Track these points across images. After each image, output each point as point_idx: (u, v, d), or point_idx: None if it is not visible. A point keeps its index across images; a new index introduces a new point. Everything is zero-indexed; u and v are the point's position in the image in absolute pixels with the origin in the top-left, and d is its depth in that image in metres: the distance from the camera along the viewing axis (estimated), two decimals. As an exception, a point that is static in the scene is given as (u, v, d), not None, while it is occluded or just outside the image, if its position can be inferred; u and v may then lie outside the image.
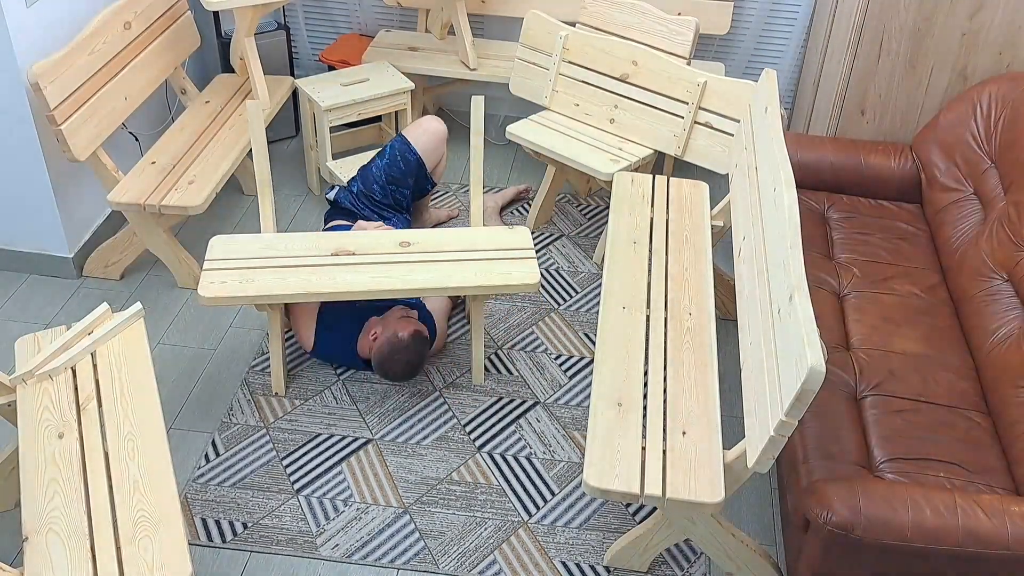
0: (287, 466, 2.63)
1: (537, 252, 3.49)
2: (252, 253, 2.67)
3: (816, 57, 3.63)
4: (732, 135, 3.06)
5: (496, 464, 2.65)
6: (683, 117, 3.15)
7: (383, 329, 2.73)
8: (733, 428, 2.78)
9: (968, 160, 2.95)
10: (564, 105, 3.40)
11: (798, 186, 3.16)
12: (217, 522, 2.47)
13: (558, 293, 3.29)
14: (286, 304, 2.84)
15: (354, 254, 2.66)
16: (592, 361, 3.02)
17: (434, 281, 2.60)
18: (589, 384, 2.92)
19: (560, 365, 2.99)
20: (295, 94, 4.01)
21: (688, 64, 3.28)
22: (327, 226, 3.07)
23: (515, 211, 3.71)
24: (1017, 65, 3.13)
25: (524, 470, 2.64)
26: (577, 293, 3.29)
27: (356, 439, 2.71)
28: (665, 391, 2.27)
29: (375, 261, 2.66)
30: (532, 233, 3.58)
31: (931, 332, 2.58)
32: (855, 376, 2.44)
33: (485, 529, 2.47)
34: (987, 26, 3.07)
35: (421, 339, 2.71)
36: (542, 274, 3.38)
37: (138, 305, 2.40)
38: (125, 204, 3.00)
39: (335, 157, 3.85)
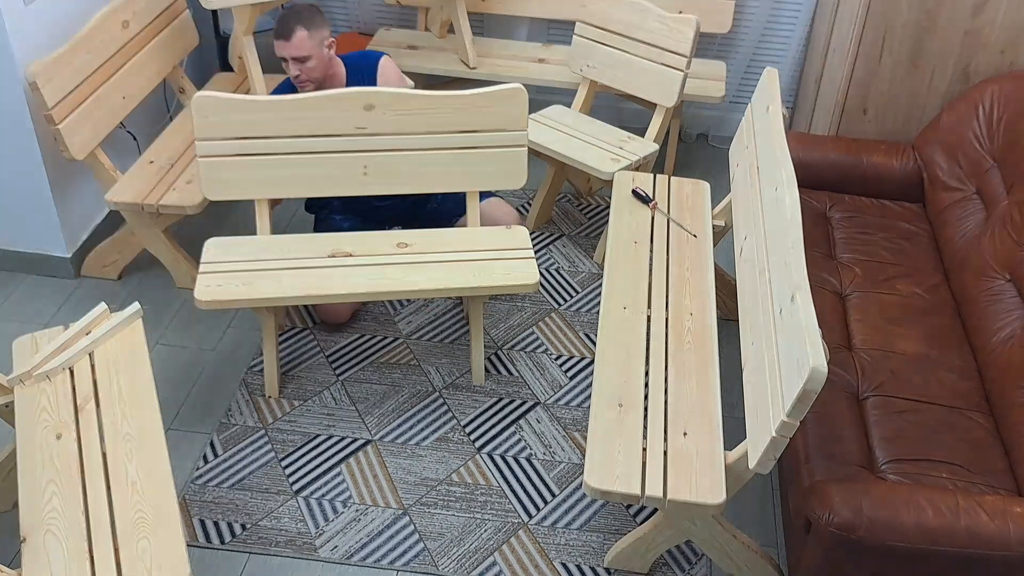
0: (286, 467, 2.62)
1: (537, 252, 3.48)
2: (248, 256, 2.66)
3: (818, 55, 3.62)
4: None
5: (496, 465, 2.64)
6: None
7: None
8: (734, 429, 2.77)
9: (970, 159, 2.94)
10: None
11: (800, 185, 3.15)
12: (216, 523, 2.46)
13: (558, 293, 3.28)
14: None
15: (351, 255, 2.65)
16: (592, 361, 3.01)
17: (433, 282, 2.59)
18: (589, 384, 2.91)
19: (560, 365, 2.98)
20: (294, 93, 4.00)
21: (688, 64, 3.28)
22: (320, 217, 3.11)
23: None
24: (1020, 64, 3.12)
25: (524, 471, 2.63)
26: (577, 293, 3.28)
27: (355, 440, 2.70)
28: (666, 392, 2.26)
29: (373, 262, 2.65)
30: (532, 233, 3.58)
31: (933, 332, 2.57)
32: (857, 376, 2.43)
33: (485, 530, 2.46)
34: (990, 25, 3.06)
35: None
36: (542, 274, 3.37)
37: (136, 305, 2.39)
38: (123, 204, 2.99)
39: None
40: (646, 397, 2.24)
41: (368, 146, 2.68)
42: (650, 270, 2.65)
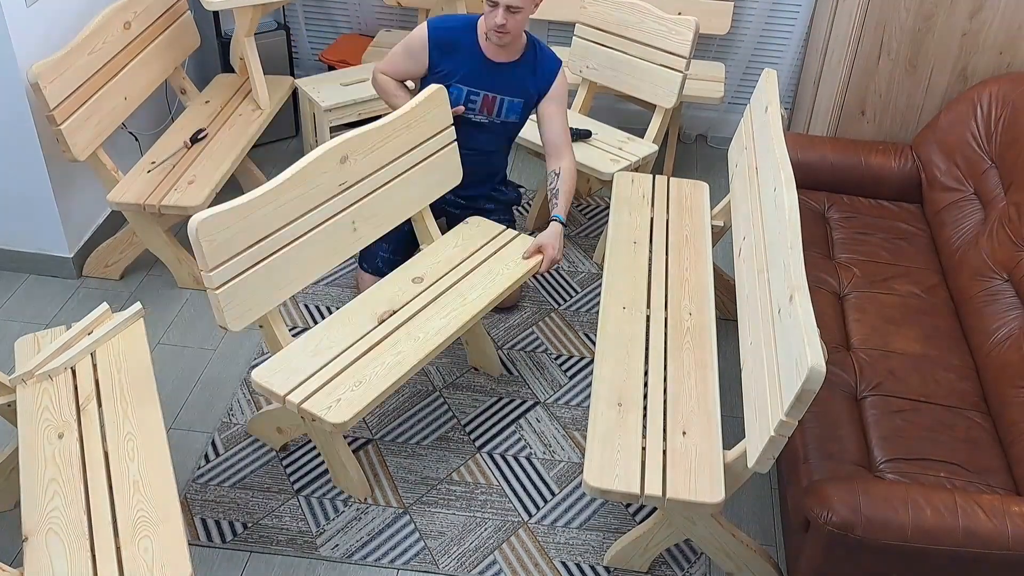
0: (287, 466, 2.62)
1: (537, 252, 3.48)
2: (312, 366, 2.37)
3: (816, 57, 3.63)
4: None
5: (496, 464, 2.65)
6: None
7: None
8: (733, 428, 2.78)
9: (968, 160, 2.95)
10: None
11: (798, 186, 3.16)
12: (217, 522, 2.46)
13: (558, 293, 3.29)
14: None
15: (395, 312, 2.55)
16: (592, 361, 3.01)
17: (463, 317, 2.54)
18: (589, 384, 2.92)
19: (560, 365, 2.99)
20: (295, 94, 4.02)
21: (687, 65, 3.28)
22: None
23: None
24: (1017, 65, 3.13)
25: (524, 470, 2.64)
26: (577, 293, 3.29)
27: (356, 439, 2.71)
28: (665, 391, 2.27)
29: (408, 316, 2.53)
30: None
31: (931, 332, 2.58)
32: (855, 376, 2.44)
33: (485, 529, 2.47)
34: (987, 26, 3.07)
35: None
36: (542, 274, 3.37)
37: (138, 305, 2.40)
38: (125, 204, 3.00)
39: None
40: (645, 396, 2.25)
41: (352, 199, 2.55)
42: (649, 270, 2.66)
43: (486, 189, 3.07)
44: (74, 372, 2.27)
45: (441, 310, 2.58)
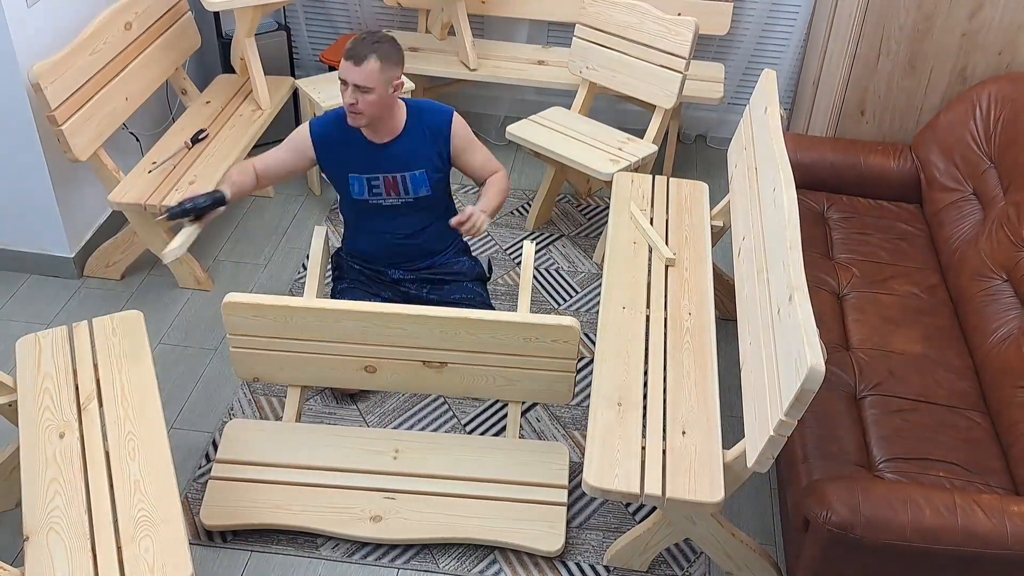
0: (287, 466, 2.63)
1: (537, 252, 3.49)
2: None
3: (816, 57, 3.63)
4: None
5: (496, 464, 2.65)
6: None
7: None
8: (733, 428, 2.78)
9: (968, 160, 2.96)
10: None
11: (797, 186, 3.16)
12: (218, 522, 2.47)
13: (558, 293, 3.29)
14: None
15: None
16: (592, 361, 3.02)
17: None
18: (589, 383, 2.92)
19: (560, 365, 2.99)
20: (296, 94, 4.02)
21: (687, 65, 3.29)
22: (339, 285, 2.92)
23: (515, 211, 3.71)
24: (1017, 65, 3.13)
25: (524, 470, 2.64)
26: (577, 293, 3.29)
27: (356, 439, 2.71)
28: (665, 391, 2.27)
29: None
30: (532, 233, 3.58)
31: (931, 332, 2.58)
32: (855, 376, 2.44)
33: (485, 529, 2.47)
34: (987, 26, 3.07)
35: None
36: (542, 273, 3.38)
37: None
38: (126, 204, 3.00)
39: (335, 157, 3.85)
40: (645, 396, 2.25)
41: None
42: (649, 270, 2.66)
43: (431, 264, 2.90)
44: (75, 372, 2.27)
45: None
